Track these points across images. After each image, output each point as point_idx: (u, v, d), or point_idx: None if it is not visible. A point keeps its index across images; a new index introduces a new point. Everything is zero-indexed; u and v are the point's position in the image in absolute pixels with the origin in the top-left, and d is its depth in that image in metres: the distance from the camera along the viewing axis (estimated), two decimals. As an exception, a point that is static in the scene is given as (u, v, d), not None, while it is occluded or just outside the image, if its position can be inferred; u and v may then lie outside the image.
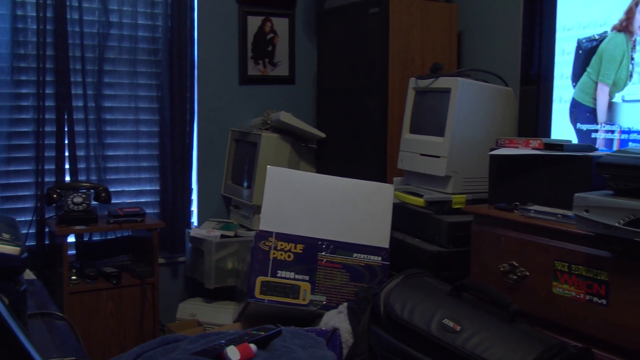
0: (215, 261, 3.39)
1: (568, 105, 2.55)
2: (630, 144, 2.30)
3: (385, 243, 2.67)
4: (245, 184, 3.61)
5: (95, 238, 3.53)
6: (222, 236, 3.46)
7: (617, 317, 1.89)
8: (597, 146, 2.37)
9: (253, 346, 1.76)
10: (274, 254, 2.60)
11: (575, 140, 2.48)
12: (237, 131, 3.81)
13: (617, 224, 1.81)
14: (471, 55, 3.45)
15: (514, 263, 2.18)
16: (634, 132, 2.30)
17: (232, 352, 1.69)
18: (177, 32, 3.58)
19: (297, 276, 2.59)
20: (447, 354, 1.89)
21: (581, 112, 2.50)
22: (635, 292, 1.84)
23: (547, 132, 2.60)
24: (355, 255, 2.64)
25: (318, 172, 3.58)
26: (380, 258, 2.65)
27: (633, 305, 1.85)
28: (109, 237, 3.55)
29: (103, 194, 3.32)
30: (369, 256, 2.65)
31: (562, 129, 2.57)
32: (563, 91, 2.57)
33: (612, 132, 2.37)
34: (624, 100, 2.34)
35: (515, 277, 2.17)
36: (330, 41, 3.67)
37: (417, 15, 3.27)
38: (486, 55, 3.34)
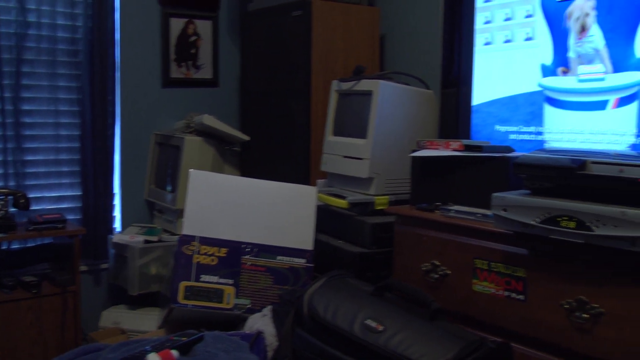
0: (138, 267, 3.33)
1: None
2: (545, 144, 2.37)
3: (309, 245, 2.67)
4: (168, 188, 3.57)
5: (14, 246, 3.43)
6: (146, 241, 3.40)
7: (534, 312, 1.95)
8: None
9: (175, 352, 1.74)
10: (198, 258, 2.58)
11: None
12: (160, 134, 3.77)
13: (533, 222, 1.87)
14: (393, 58, 3.49)
15: (436, 262, 2.22)
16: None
17: (154, 359, 1.67)
18: (98, 33, 3.51)
19: (221, 280, 2.57)
20: (371, 354, 1.91)
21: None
22: (550, 287, 1.91)
23: (467, 133, 2.65)
24: (279, 258, 2.64)
25: (242, 175, 3.57)
26: (304, 260, 2.66)
27: (549, 300, 1.91)
28: (28, 245, 3.45)
29: (22, 200, 3.23)
30: (293, 259, 2.65)
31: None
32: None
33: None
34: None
35: (436, 275, 2.21)
36: (254, 44, 3.66)
37: (339, 18, 3.29)
38: (408, 58, 3.39)
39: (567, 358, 1.89)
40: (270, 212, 2.70)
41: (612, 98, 2.19)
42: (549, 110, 2.38)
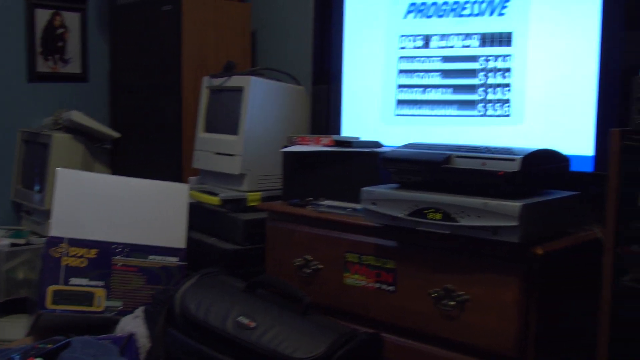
0: (5, 272, 3.17)
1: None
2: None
3: (181, 243, 2.62)
4: (36, 188, 3.41)
5: None
6: (12, 244, 3.24)
7: (403, 302, 1.99)
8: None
9: (40, 360, 1.66)
10: (66, 260, 2.48)
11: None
12: (27, 132, 3.59)
13: (401, 215, 1.90)
14: (265, 55, 3.48)
15: (308, 257, 2.22)
16: (415, 127, 2.42)
17: (17, 367, 1.59)
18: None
19: (91, 282, 2.49)
20: (244, 350, 1.90)
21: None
22: (419, 277, 1.95)
23: (337, 129, 2.67)
24: (151, 257, 2.57)
25: (114, 173, 3.47)
26: (177, 259, 2.60)
27: (417, 290, 1.95)
28: None
29: None
30: (166, 257, 2.59)
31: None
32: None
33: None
34: (406, 98, 2.46)
35: (309, 270, 2.22)
36: (124, 38, 3.56)
37: (210, 13, 3.25)
38: (279, 55, 3.38)
39: (436, 344, 1.94)
40: (141, 211, 2.63)
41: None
42: (415, 106, 2.43)
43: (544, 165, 1.90)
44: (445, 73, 2.39)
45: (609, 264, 1.68)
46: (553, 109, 2.16)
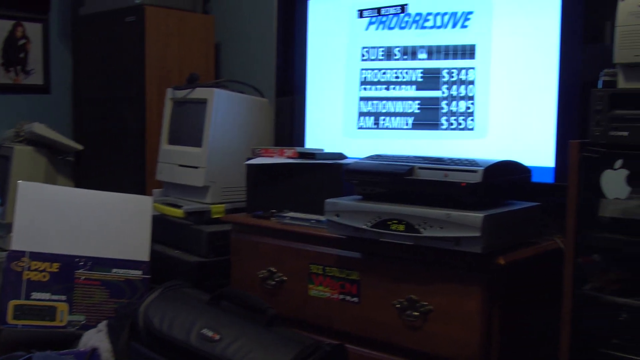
0: (-36, 285, 3.11)
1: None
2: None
3: (145, 256, 2.59)
4: (-3, 201, 3.37)
5: None
6: (-29, 258, 3.19)
7: (367, 313, 1.99)
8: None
9: (-1, 376, 1.63)
10: (28, 274, 2.44)
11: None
12: (-13, 145, 3.54)
13: (365, 227, 1.90)
14: (229, 67, 3.47)
15: (272, 269, 2.22)
16: (379, 139, 2.43)
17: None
18: None
19: (53, 297, 2.45)
20: (208, 363, 1.88)
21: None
22: (383, 288, 1.96)
23: (301, 141, 2.68)
24: (114, 270, 2.54)
25: (77, 186, 3.42)
26: (140, 272, 2.57)
27: (381, 300, 1.96)
28: None
29: None
30: (129, 271, 2.56)
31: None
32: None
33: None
34: (369, 110, 2.47)
35: (273, 282, 2.21)
36: (87, 49, 3.53)
37: (174, 25, 3.24)
38: (243, 67, 3.38)
39: (400, 355, 1.94)
40: (104, 224, 2.60)
41: (437, 105, 2.29)
42: (378, 117, 2.44)
43: (506, 176, 1.92)
44: (409, 85, 2.40)
45: (569, 274, 1.70)
46: (516, 122, 2.19)
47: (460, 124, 2.29)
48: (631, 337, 1.62)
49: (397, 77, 2.43)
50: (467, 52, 2.29)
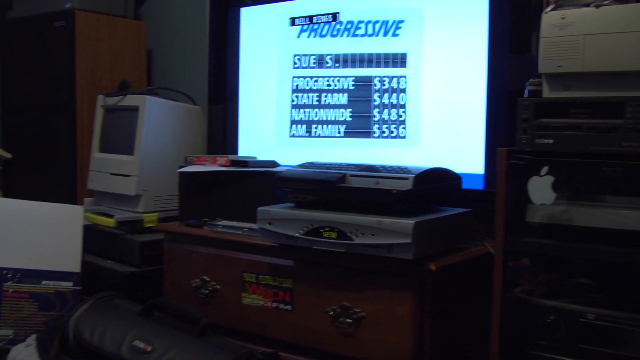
0: None
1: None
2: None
3: (76, 267, 2.55)
4: None
5: None
6: None
7: (301, 321, 2.00)
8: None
9: None
10: (-48, 287, 2.38)
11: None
12: None
13: (297, 234, 1.91)
14: (161, 74, 3.44)
15: (205, 278, 2.20)
16: (312, 146, 2.44)
17: None
18: None
19: (-21, 311, 2.39)
20: (140, 375, 1.86)
21: (265, 128, 2.60)
22: (316, 296, 1.96)
23: (234, 149, 2.67)
24: (44, 282, 2.49)
25: (6, 195, 3.33)
26: (71, 283, 2.52)
27: (315, 308, 1.96)
28: None
29: None
30: (60, 282, 2.51)
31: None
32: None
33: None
34: (303, 117, 2.48)
35: (206, 291, 2.20)
36: (15, 54, 3.45)
37: (105, 31, 3.20)
38: (176, 74, 3.36)
39: (334, 362, 1.95)
40: (33, 234, 2.54)
41: (369, 113, 2.31)
42: (312, 125, 2.46)
43: (437, 183, 1.95)
44: (340, 93, 2.42)
45: (499, 277, 1.73)
46: (446, 130, 2.23)
47: (392, 132, 2.32)
48: (558, 338, 1.66)
49: (328, 85, 2.45)
50: (399, 60, 2.33)
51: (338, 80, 2.43)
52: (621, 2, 1.58)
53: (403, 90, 2.31)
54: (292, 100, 2.54)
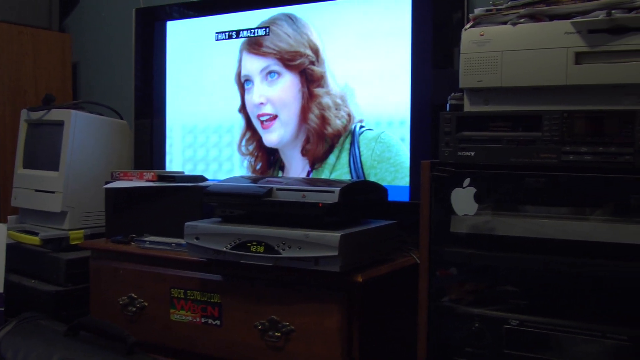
0: None
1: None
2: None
3: (-1, 287, 2.51)
4: None
5: None
6: None
7: (230, 336, 2.01)
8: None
9: None
10: None
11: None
12: None
13: (224, 249, 1.92)
14: (88, 87, 3.41)
15: (133, 295, 2.20)
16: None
17: None
18: None
19: None
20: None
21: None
22: (244, 310, 1.98)
23: (162, 164, 2.67)
24: (-35, 303, 2.44)
25: None
26: (-6, 304, 2.48)
27: (243, 323, 1.98)
28: None
29: None
30: (-19, 303, 2.46)
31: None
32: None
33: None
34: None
35: (134, 308, 2.19)
36: None
37: (28, 43, 3.15)
38: (102, 88, 3.33)
39: (265, 377, 1.97)
40: (-47, 254, 2.49)
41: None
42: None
43: (363, 196, 2.00)
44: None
45: (424, 287, 1.78)
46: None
47: (320, 144, 2.36)
48: (483, 345, 1.72)
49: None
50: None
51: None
52: (536, 20, 1.65)
53: (331, 105, 2.35)
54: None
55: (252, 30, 2.48)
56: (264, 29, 2.45)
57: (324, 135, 2.34)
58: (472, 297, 1.78)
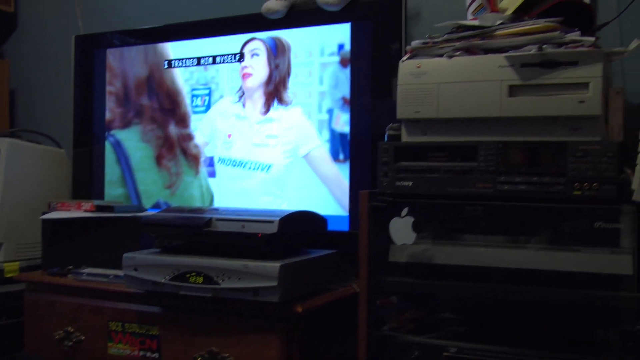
0: None
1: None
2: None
3: None
4: None
5: None
6: None
7: (169, 369, 1.99)
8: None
9: None
10: None
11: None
12: None
13: (163, 280, 1.91)
14: (26, 115, 3.36)
15: (69, 329, 2.16)
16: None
17: None
18: None
19: None
20: None
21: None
22: (183, 343, 1.97)
23: (100, 194, 2.64)
24: None
25: None
26: None
27: (182, 355, 1.96)
28: None
29: None
30: None
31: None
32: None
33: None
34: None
35: (70, 343, 2.15)
36: None
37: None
38: (41, 115, 3.29)
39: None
40: None
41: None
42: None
43: (302, 226, 2.01)
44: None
45: (364, 316, 1.79)
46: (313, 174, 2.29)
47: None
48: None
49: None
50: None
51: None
52: (471, 53, 1.70)
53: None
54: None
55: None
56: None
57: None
58: (413, 325, 1.79)
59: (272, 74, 2.35)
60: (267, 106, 2.36)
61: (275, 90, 2.35)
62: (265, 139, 2.36)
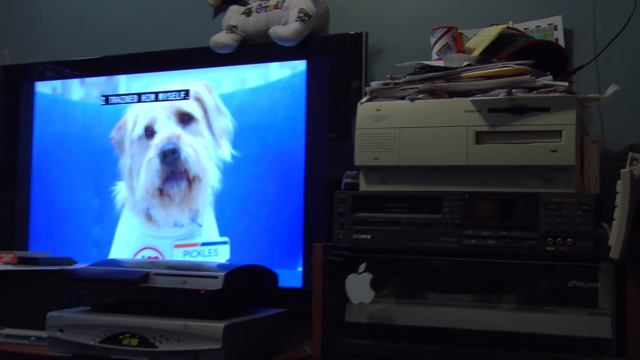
0: None
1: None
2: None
3: None
4: None
5: None
6: None
7: None
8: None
9: None
10: None
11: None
12: None
13: (93, 343, 1.87)
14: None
15: (-18, 398, 2.10)
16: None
17: None
18: None
19: None
20: None
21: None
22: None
23: (24, 243, 2.59)
24: None
25: None
26: None
27: None
28: None
29: None
30: None
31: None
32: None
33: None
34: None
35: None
36: None
37: None
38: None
39: None
40: None
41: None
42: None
43: (250, 282, 1.99)
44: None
45: (317, 381, 1.77)
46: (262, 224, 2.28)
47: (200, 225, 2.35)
48: None
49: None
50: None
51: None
52: (435, 96, 1.71)
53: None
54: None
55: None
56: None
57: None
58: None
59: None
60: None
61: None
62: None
